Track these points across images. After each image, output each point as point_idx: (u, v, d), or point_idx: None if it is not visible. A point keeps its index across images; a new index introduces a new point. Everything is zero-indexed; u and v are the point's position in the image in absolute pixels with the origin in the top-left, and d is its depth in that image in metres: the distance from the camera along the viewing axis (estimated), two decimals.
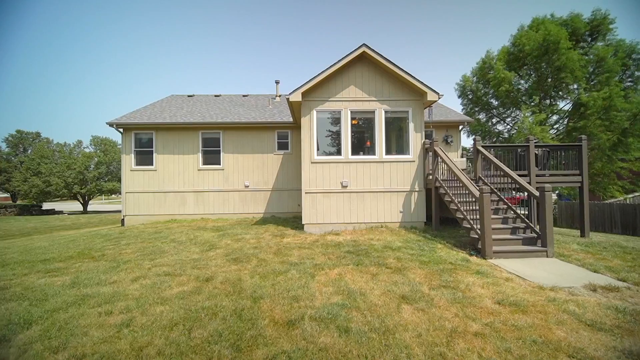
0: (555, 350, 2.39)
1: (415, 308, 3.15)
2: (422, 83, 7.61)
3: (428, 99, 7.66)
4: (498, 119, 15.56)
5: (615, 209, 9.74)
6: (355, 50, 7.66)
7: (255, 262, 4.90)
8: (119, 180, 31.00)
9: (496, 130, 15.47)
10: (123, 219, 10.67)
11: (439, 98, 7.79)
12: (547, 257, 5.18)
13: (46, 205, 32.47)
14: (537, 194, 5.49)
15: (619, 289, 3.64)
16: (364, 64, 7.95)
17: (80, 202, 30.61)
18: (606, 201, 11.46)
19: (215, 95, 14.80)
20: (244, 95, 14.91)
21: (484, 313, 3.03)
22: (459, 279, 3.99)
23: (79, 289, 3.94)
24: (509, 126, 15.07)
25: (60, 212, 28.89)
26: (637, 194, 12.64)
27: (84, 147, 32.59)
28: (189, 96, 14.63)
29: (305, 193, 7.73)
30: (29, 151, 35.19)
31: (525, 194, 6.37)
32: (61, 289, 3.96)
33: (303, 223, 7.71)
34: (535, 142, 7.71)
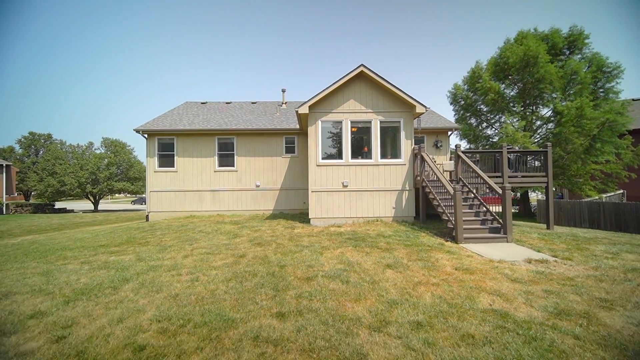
0: (482, 291, 3.69)
1: (395, 271, 4.45)
2: (412, 98, 8.91)
3: (417, 111, 8.95)
4: (487, 124, 16.90)
5: (584, 206, 11.06)
6: (355, 69, 8.97)
7: (275, 245, 6.21)
8: (129, 180, 32.41)
9: (485, 135, 16.78)
10: (148, 215, 11.98)
11: (426, 110, 9.11)
12: (507, 242, 6.48)
13: (57, 205, 33.81)
14: (500, 191, 6.79)
15: (547, 261, 4.94)
16: (362, 81, 9.26)
17: (92, 201, 31.96)
18: (585, 200, 12.73)
19: (227, 103, 16.12)
20: (252, 102, 16.23)
21: (442, 274, 4.33)
22: (432, 255, 5.29)
23: (146, 262, 5.24)
24: (496, 131, 16.40)
25: (72, 211, 30.21)
26: (610, 193, 13.94)
27: (95, 149, 33.95)
28: (202, 103, 15.96)
29: (312, 192, 9.03)
30: (41, 152, 36.53)
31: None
32: (132, 262, 5.27)
33: (309, 217, 9.01)
34: (508, 148, 9.01)
